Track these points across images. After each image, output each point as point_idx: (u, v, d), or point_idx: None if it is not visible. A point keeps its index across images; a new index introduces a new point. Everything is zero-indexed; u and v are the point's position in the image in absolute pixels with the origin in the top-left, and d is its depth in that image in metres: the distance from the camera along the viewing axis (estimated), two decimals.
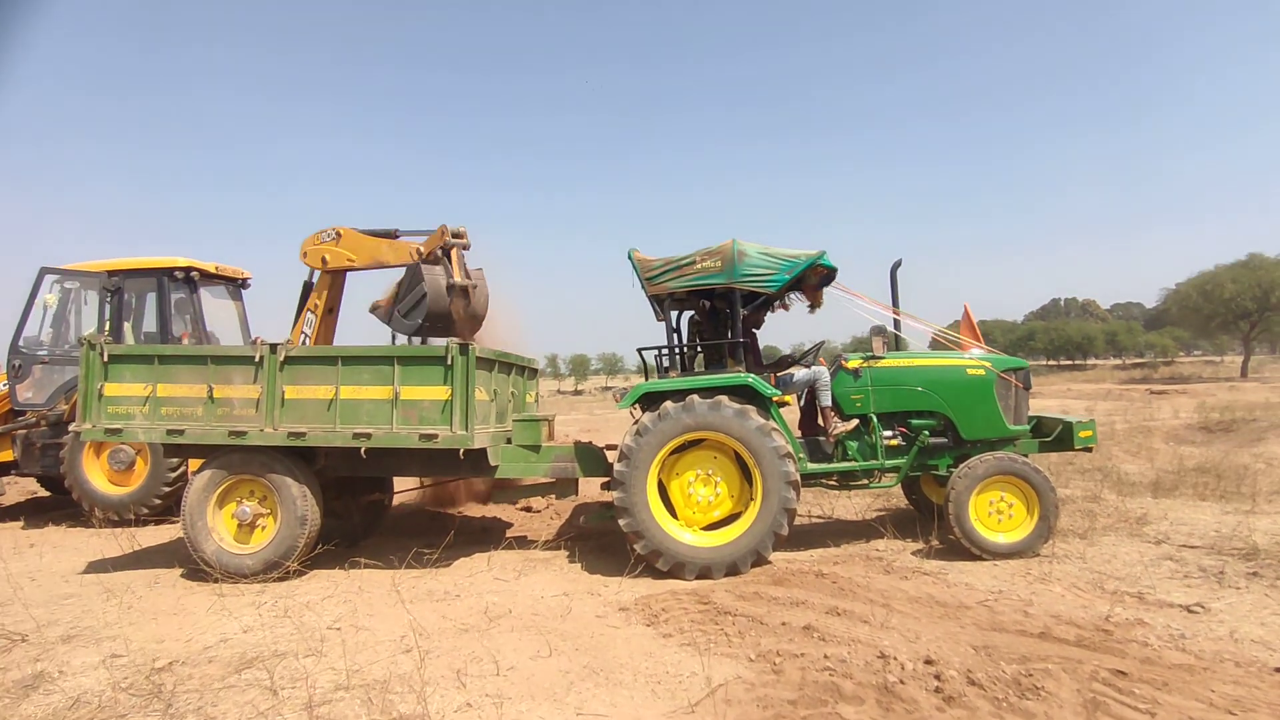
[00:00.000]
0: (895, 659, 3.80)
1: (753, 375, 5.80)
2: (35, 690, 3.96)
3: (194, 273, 9.32)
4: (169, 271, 9.15)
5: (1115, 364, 68.34)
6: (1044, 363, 69.51)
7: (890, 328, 6.64)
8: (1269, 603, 4.51)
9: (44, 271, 8.86)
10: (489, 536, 7.50)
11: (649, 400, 5.93)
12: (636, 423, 5.82)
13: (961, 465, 5.80)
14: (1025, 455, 6.15)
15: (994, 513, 5.72)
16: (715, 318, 6.56)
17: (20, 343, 8.80)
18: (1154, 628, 4.19)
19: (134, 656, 4.40)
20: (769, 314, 6.82)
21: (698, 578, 5.59)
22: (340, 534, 7.18)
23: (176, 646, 4.56)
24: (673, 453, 5.87)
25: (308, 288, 8.31)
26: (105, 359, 6.07)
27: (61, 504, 9.51)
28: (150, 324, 9.33)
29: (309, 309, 8.17)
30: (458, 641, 4.45)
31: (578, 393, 74.79)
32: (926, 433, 6.12)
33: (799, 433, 6.54)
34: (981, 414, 6.07)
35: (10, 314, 9.16)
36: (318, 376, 5.97)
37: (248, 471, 6.04)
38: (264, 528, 6.08)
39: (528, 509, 8.66)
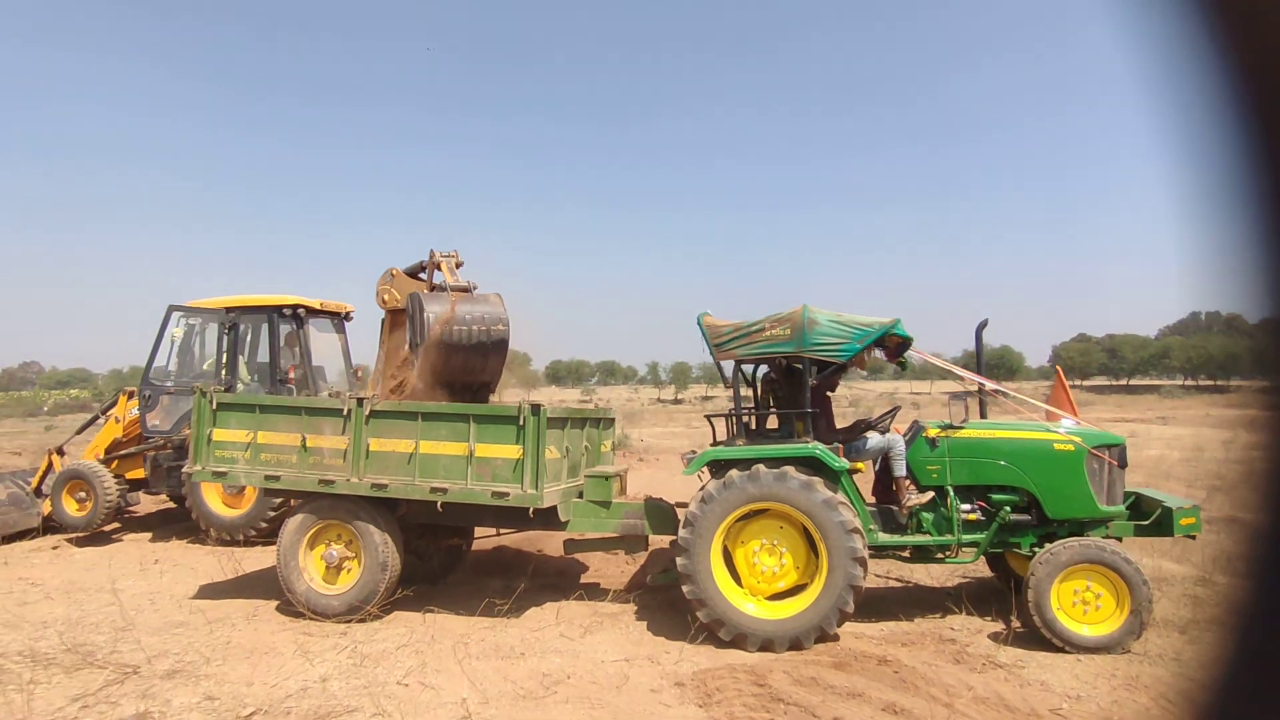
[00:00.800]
0: None
1: (821, 447, 5.70)
2: None
3: (300, 309, 9.98)
4: (278, 308, 9.83)
5: (1264, 385, 62.41)
6: (1180, 383, 64.50)
7: (976, 393, 6.40)
8: None
9: (171, 309, 9.70)
10: (564, 581, 7.66)
11: (716, 467, 5.93)
12: (703, 489, 5.83)
13: (1044, 550, 5.50)
14: (1119, 539, 5.78)
15: (1079, 603, 5.39)
16: (790, 376, 6.48)
17: (150, 375, 9.65)
18: None
19: (225, 700, 4.77)
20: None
21: (760, 650, 5.54)
22: (422, 574, 7.53)
23: (263, 692, 4.90)
24: (739, 520, 5.84)
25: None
26: (214, 406, 6.59)
27: (184, 518, 10.34)
28: (264, 356, 10.06)
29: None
30: (513, 709, 4.59)
31: (677, 401, 74.97)
32: (1008, 509, 5.84)
33: (873, 500, 6.38)
34: (1069, 492, 5.74)
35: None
36: (400, 431, 6.28)
37: (335, 517, 6.42)
38: (350, 570, 6.44)
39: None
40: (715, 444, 6.22)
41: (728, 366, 6.15)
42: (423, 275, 7.53)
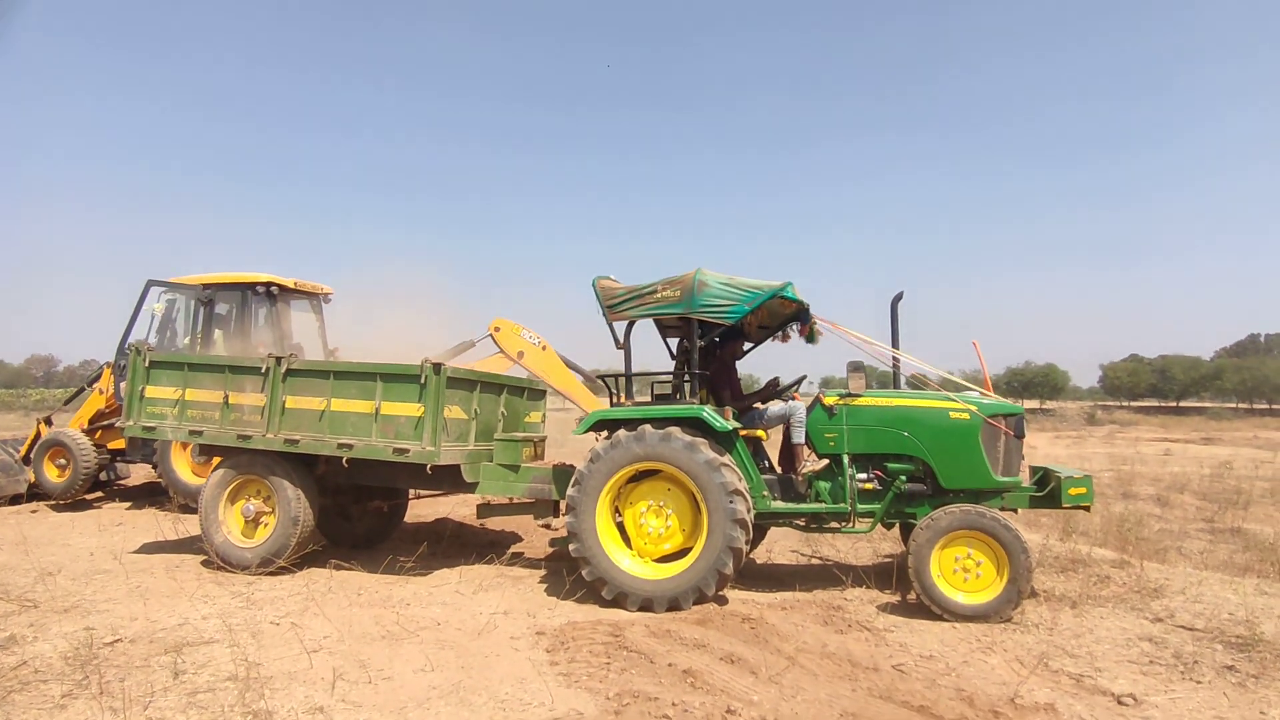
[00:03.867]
0: (740, 715, 3.63)
1: (708, 409, 5.69)
2: (2, 649, 4.57)
3: (274, 287, 10.29)
4: (252, 286, 10.17)
5: None
6: (1232, 405, 61.82)
7: (888, 365, 6.32)
8: (1222, 701, 3.88)
9: (150, 284, 10.10)
10: (490, 549, 7.74)
11: (607, 427, 5.95)
12: (592, 449, 5.86)
13: (926, 516, 5.39)
14: (1014, 510, 5.64)
15: (959, 570, 5.27)
16: (706, 344, 6.48)
17: (126, 346, 10.05)
18: (1061, 715, 3.73)
19: (100, 630, 4.96)
20: (780, 344, 6.69)
21: (639, 609, 5.53)
22: (349, 537, 7.71)
23: (139, 625, 5.08)
24: (630, 481, 5.86)
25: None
26: (147, 364, 6.87)
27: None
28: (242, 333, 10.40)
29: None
30: (365, 648, 4.67)
31: None
32: (903, 478, 5.74)
33: (780, 469, 6.32)
34: (964, 461, 5.62)
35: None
36: (314, 389, 6.46)
37: (253, 472, 6.62)
38: (266, 525, 6.62)
39: (547, 526, 8.84)
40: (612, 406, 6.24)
41: (620, 329, 6.16)
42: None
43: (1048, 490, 5.65)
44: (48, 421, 10.85)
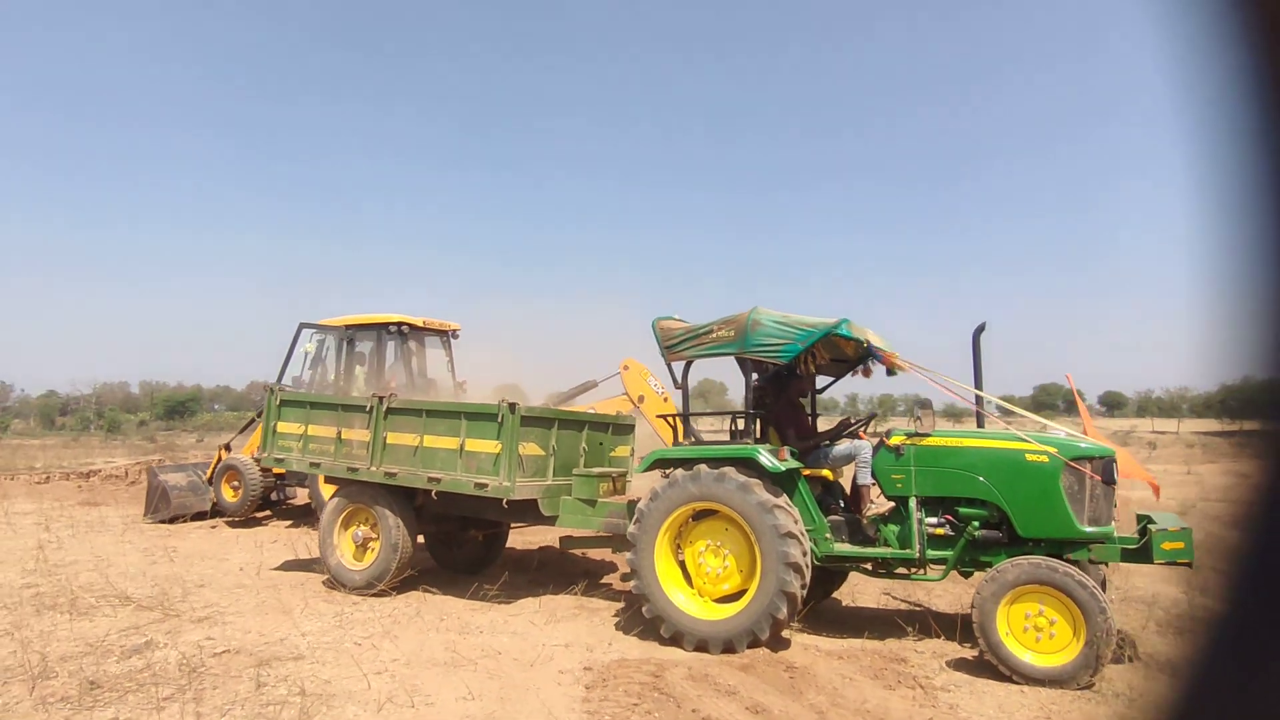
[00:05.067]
0: None
1: (764, 448, 5.63)
2: (135, 653, 5.35)
3: (404, 326, 11.26)
4: (386, 325, 11.18)
5: None
6: None
7: (975, 402, 5.97)
8: None
9: (302, 326, 11.37)
10: (585, 578, 7.99)
11: (667, 466, 6.04)
12: (654, 487, 5.97)
13: (993, 568, 5.03)
14: (1104, 564, 5.13)
15: (1030, 628, 4.86)
16: (774, 383, 6.44)
17: (281, 382, 11.35)
18: None
19: (218, 640, 5.69)
20: (860, 377, 6.52)
21: (695, 649, 5.55)
22: (452, 562, 8.27)
23: (249, 638, 5.77)
24: (692, 519, 5.91)
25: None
26: (278, 403, 7.78)
27: None
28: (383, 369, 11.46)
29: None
30: (423, 673, 5.04)
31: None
32: (976, 524, 5.38)
33: (853, 510, 6.12)
34: (1042, 509, 5.18)
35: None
36: (410, 426, 7.04)
37: (361, 501, 7.30)
38: (373, 550, 7.27)
39: None
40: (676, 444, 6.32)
41: (680, 369, 6.23)
42: None
43: (1140, 543, 5.09)
44: (227, 448, 12.43)
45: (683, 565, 5.96)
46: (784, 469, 5.56)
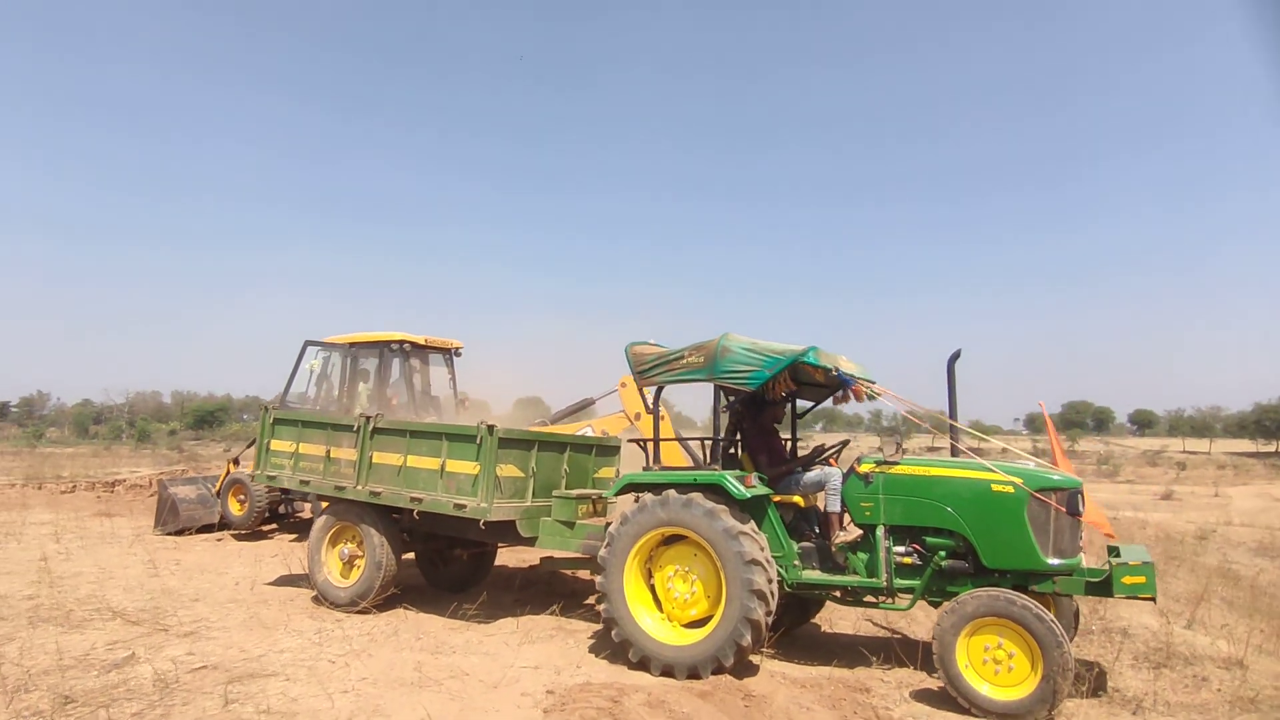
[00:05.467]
0: None
1: (731, 474, 5.67)
2: (115, 667, 5.50)
3: (406, 344, 11.45)
4: (388, 343, 11.38)
5: None
6: None
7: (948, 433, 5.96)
8: None
9: (307, 344, 11.61)
10: (569, 599, 8.06)
11: (637, 491, 6.09)
12: (624, 511, 6.02)
13: (953, 599, 5.01)
14: (1068, 596, 5.09)
15: (989, 660, 4.83)
16: (749, 408, 6.47)
17: (288, 398, 11.60)
18: None
19: (199, 655, 5.83)
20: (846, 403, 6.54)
21: (661, 674, 5.58)
22: (447, 581, 8.37)
23: (229, 654, 5.90)
24: (663, 544, 5.95)
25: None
26: (272, 421, 7.96)
27: None
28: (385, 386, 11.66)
29: None
30: (387, 693, 5.14)
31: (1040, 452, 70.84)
32: (942, 553, 5.37)
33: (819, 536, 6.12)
34: (1006, 539, 5.16)
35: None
36: (394, 446, 7.17)
37: (348, 519, 7.44)
38: (358, 567, 7.40)
39: None
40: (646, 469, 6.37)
41: (651, 394, 6.29)
42: None
43: (1103, 577, 5.04)
44: (235, 462, 12.68)
45: (653, 589, 6.00)
46: (749, 495, 5.58)
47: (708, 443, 6.63)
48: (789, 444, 6.83)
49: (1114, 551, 5.48)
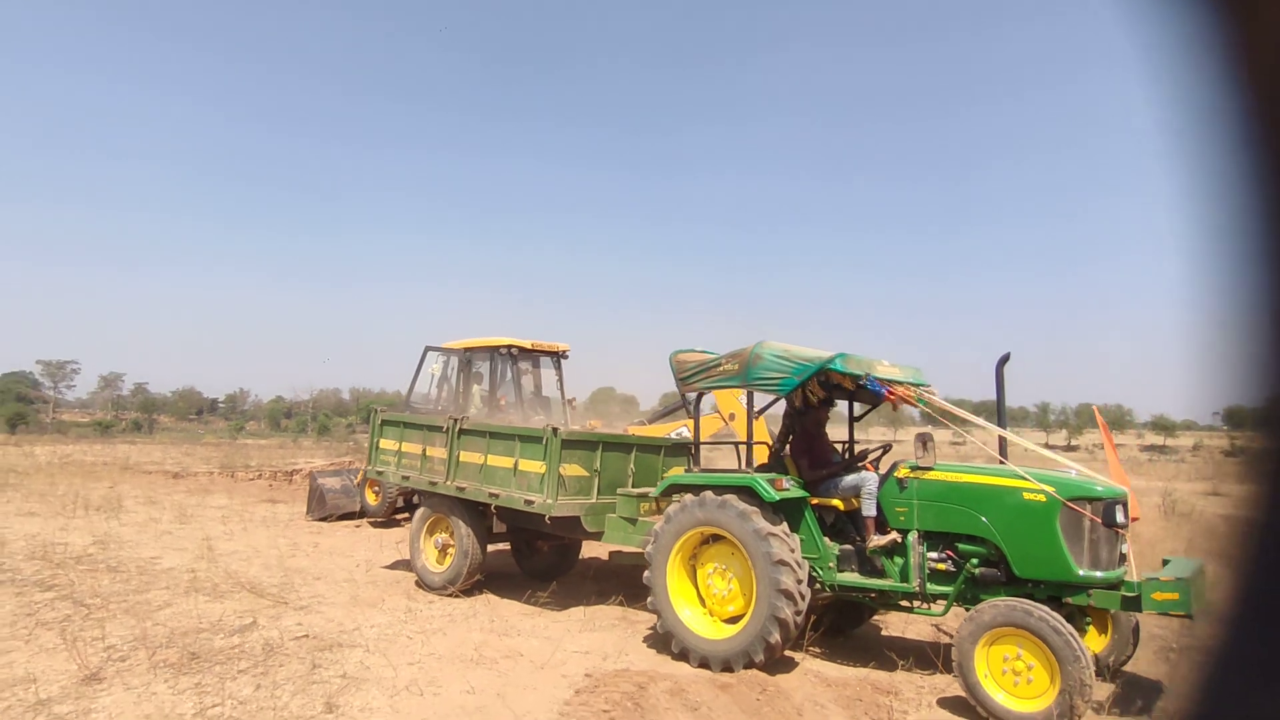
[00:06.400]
0: None
1: (762, 477, 5.86)
2: (238, 632, 6.51)
3: (514, 349, 12.29)
4: (497, 348, 12.26)
5: None
6: None
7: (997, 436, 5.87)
8: None
9: (427, 349, 12.72)
10: (637, 591, 8.47)
11: (679, 491, 6.39)
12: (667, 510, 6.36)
13: (973, 609, 4.96)
14: (1106, 610, 4.90)
15: (1008, 671, 4.76)
16: (802, 413, 6.61)
17: (412, 399, 12.76)
18: None
19: (307, 625, 6.77)
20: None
21: (699, 665, 5.88)
22: (536, 569, 9.05)
23: (329, 626, 6.80)
24: (706, 542, 6.24)
25: None
26: (380, 422, 8.94)
27: None
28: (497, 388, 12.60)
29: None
30: (448, 667, 5.78)
31: (1070, 448, 66.18)
32: (975, 560, 5.31)
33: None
34: (1037, 548, 5.03)
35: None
36: (477, 445, 7.89)
37: (441, 511, 8.25)
38: (450, 555, 8.19)
39: None
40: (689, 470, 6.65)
41: (693, 399, 6.56)
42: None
43: (1137, 592, 4.81)
44: None
45: (698, 586, 6.30)
46: (778, 498, 5.76)
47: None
48: (842, 447, 6.88)
49: (1167, 563, 5.20)
